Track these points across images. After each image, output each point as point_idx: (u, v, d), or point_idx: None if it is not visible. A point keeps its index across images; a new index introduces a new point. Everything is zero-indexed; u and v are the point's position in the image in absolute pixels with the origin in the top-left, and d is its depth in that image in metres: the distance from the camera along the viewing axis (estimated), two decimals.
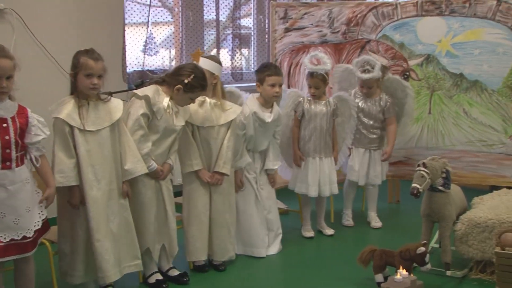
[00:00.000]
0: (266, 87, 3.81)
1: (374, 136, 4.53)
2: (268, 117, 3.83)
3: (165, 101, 3.28)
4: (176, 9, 5.24)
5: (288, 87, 5.02)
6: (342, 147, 4.46)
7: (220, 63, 3.70)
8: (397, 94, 4.62)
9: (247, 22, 5.88)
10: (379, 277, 3.31)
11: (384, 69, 4.52)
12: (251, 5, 5.84)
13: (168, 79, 3.34)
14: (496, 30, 4.63)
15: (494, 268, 2.94)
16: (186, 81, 3.27)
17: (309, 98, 4.24)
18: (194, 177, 3.58)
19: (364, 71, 4.38)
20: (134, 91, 3.33)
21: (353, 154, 4.53)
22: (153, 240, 3.36)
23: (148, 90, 3.27)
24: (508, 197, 3.78)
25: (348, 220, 4.60)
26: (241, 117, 3.75)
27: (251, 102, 3.84)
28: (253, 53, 5.92)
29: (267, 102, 3.87)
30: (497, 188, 4.17)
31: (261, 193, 3.93)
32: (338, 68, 4.78)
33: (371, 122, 4.52)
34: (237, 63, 5.65)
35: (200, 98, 3.51)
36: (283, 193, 4.46)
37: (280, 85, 3.85)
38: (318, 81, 4.18)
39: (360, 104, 4.49)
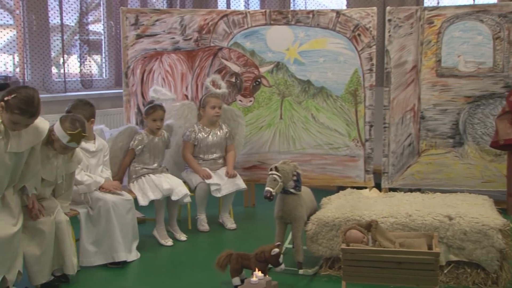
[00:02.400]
0: None
1: (218, 165, 4.74)
2: (92, 147, 3.93)
3: None
4: (17, 12, 4.90)
5: (142, 95, 4.96)
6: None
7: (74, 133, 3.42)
8: (230, 123, 4.87)
9: (97, 27, 5.68)
10: (236, 281, 3.36)
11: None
12: (101, 11, 5.65)
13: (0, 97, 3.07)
14: (337, 40, 4.94)
15: (341, 263, 3.11)
16: (6, 98, 3.00)
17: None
18: None
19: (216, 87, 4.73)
20: None
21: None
22: None
23: None
24: (352, 196, 4.03)
25: (203, 225, 4.62)
26: None
27: None
28: (105, 60, 5.72)
29: None
30: (343, 188, 4.42)
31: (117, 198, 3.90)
32: (175, 105, 4.83)
33: (218, 154, 4.73)
34: (87, 70, 5.42)
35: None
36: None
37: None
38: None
39: (202, 135, 4.66)
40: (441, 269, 3.33)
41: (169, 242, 4.28)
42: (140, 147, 4.35)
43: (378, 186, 4.79)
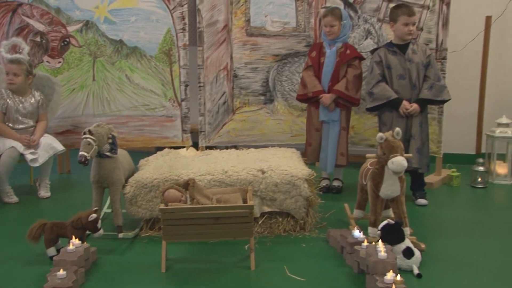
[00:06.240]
0: None
1: (30, 134, 4.42)
2: None
3: None
4: None
5: None
6: None
7: None
8: (44, 90, 4.61)
9: None
10: (51, 251, 3.22)
11: (31, 67, 4.48)
12: None
13: None
14: None
15: (161, 224, 3.13)
16: None
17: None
18: None
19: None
20: None
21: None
22: None
23: None
24: (170, 156, 4.06)
25: (10, 196, 4.33)
26: None
27: None
28: None
29: None
30: (161, 149, 4.43)
31: None
32: None
33: (30, 123, 4.43)
34: None
35: None
36: None
37: None
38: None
39: (11, 103, 4.36)
40: (256, 220, 3.53)
41: None
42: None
43: (196, 145, 4.88)
